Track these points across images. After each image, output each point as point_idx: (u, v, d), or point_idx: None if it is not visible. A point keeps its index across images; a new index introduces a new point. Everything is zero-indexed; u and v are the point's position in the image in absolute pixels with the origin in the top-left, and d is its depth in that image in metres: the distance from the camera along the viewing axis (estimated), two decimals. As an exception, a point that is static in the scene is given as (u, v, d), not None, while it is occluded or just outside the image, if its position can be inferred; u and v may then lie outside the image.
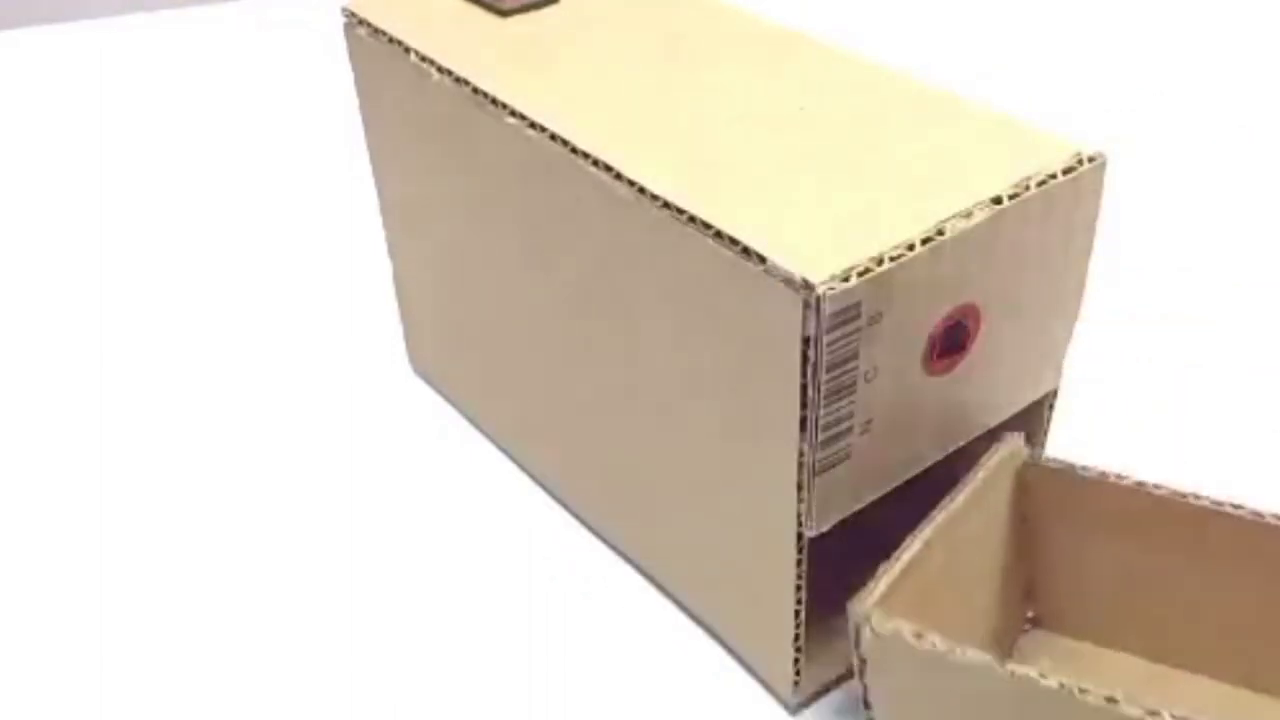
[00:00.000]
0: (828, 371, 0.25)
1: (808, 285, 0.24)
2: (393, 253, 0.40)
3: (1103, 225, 0.29)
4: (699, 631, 0.33)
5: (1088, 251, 0.29)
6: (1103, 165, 0.27)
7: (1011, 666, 0.24)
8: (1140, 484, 0.28)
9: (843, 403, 0.25)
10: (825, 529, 0.28)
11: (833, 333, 0.24)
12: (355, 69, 0.36)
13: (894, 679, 0.26)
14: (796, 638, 0.30)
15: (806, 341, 0.24)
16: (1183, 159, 0.50)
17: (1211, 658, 0.29)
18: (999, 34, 0.61)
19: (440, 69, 0.32)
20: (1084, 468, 0.29)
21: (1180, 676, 0.29)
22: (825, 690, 0.31)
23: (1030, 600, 0.31)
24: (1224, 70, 0.58)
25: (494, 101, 0.31)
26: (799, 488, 0.27)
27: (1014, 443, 0.30)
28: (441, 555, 0.36)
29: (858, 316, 0.24)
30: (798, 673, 0.30)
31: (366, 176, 0.38)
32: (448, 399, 0.41)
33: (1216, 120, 0.53)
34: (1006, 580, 0.30)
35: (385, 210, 0.39)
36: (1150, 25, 0.62)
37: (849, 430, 0.26)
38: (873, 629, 0.25)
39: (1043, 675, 0.24)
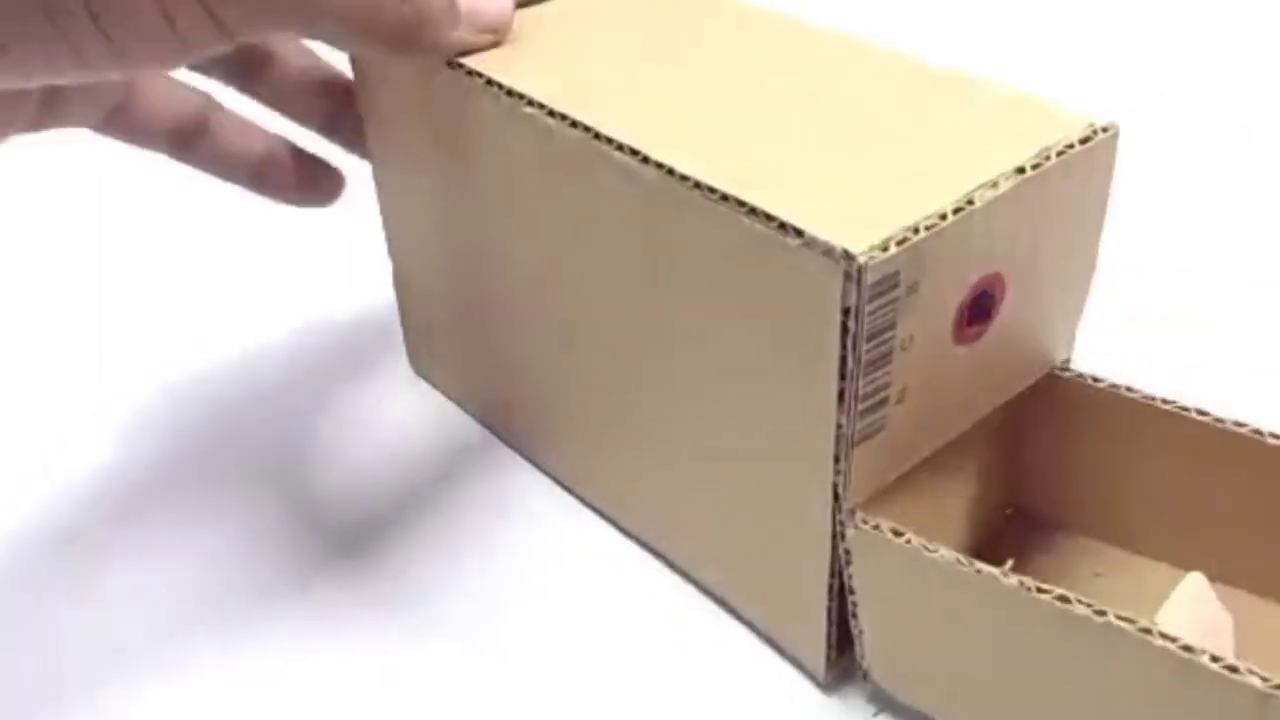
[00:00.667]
0: (867, 341, 0.25)
1: (848, 256, 0.24)
2: (393, 253, 0.40)
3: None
4: (725, 613, 0.33)
5: (1101, 221, 0.29)
6: (1116, 135, 0.28)
7: (978, 565, 0.26)
8: (1115, 386, 0.31)
9: (880, 373, 0.26)
10: (861, 501, 0.28)
11: (873, 302, 0.25)
12: (353, 68, 0.36)
13: (875, 574, 0.28)
14: (831, 613, 0.30)
15: (846, 312, 0.25)
16: (1181, 159, 0.51)
17: (1181, 549, 0.31)
18: (987, 35, 0.62)
19: (448, 63, 0.32)
20: (1063, 368, 0.31)
21: (1153, 566, 0.32)
22: (856, 666, 0.32)
23: (1011, 491, 0.34)
24: (1222, 70, 0.59)
25: (509, 92, 0.31)
26: (836, 460, 0.27)
27: None
28: (459, 551, 0.36)
29: (896, 286, 0.25)
30: (831, 648, 0.31)
31: (366, 176, 0.38)
32: (451, 398, 0.41)
33: (1215, 120, 0.55)
34: (989, 472, 0.32)
35: (385, 210, 0.39)
36: (1144, 24, 0.63)
37: (886, 400, 0.26)
38: (855, 525, 0.28)
39: (1004, 574, 0.26)
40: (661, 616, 0.34)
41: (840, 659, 0.31)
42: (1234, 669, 0.23)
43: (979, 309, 0.27)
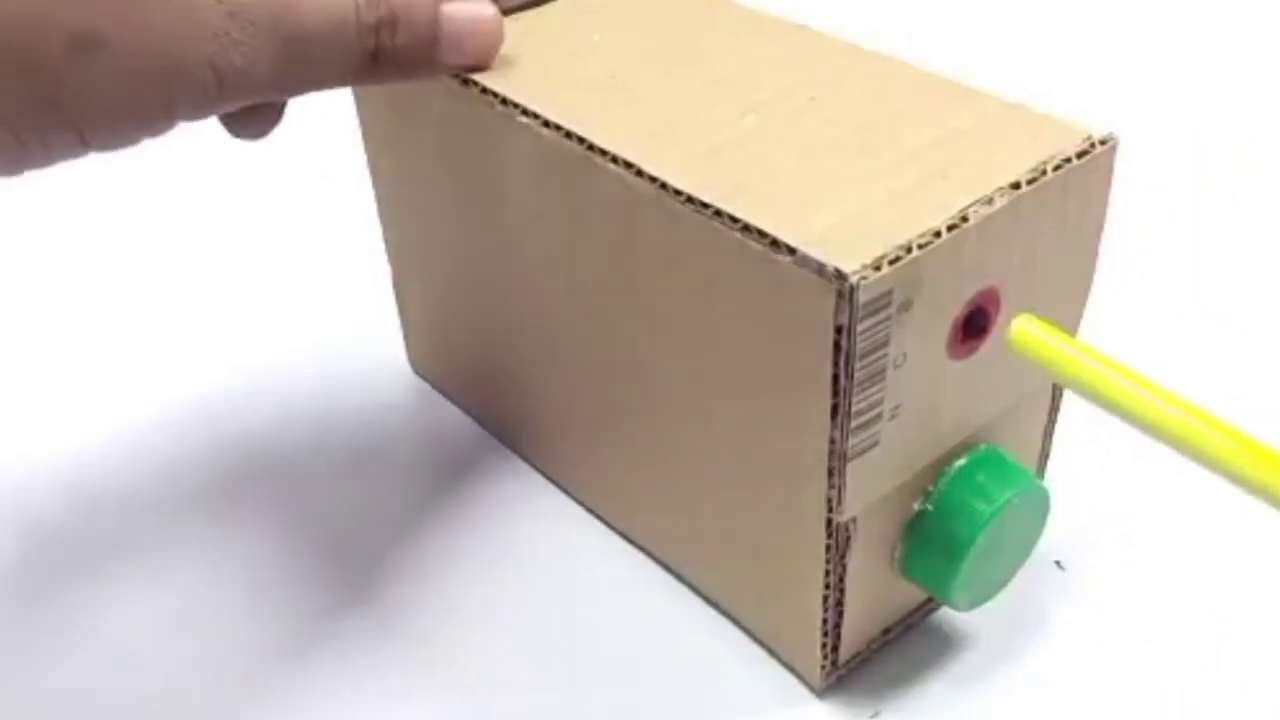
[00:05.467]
0: (860, 359, 0.25)
1: (840, 275, 0.24)
2: (392, 254, 0.40)
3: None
4: (721, 619, 0.33)
5: (1099, 231, 0.29)
6: (1114, 147, 0.28)
7: None
8: None
9: (873, 390, 0.26)
10: (854, 515, 0.28)
11: (865, 321, 0.25)
12: (352, 71, 0.36)
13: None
14: (824, 623, 0.30)
15: (839, 330, 0.25)
16: (1179, 157, 0.51)
17: None
18: (987, 41, 0.61)
19: (446, 69, 0.32)
20: None
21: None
22: (850, 673, 0.32)
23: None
24: (1219, 68, 0.58)
25: (504, 101, 0.31)
26: (830, 474, 0.27)
27: None
28: (458, 554, 0.36)
29: (889, 304, 0.25)
30: (825, 658, 0.31)
31: (366, 175, 0.38)
32: (450, 398, 0.41)
33: (1212, 118, 0.54)
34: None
35: (384, 211, 0.39)
36: (1144, 29, 0.63)
37: (879, 416, 0.26)
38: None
39: None
40: (659, 621, 0.34)
41: (835, 667, 0.31)
42: None
43: (974, 325, 0.27)
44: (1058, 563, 0.34)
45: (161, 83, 0.25)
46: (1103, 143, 0.27)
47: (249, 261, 0.48)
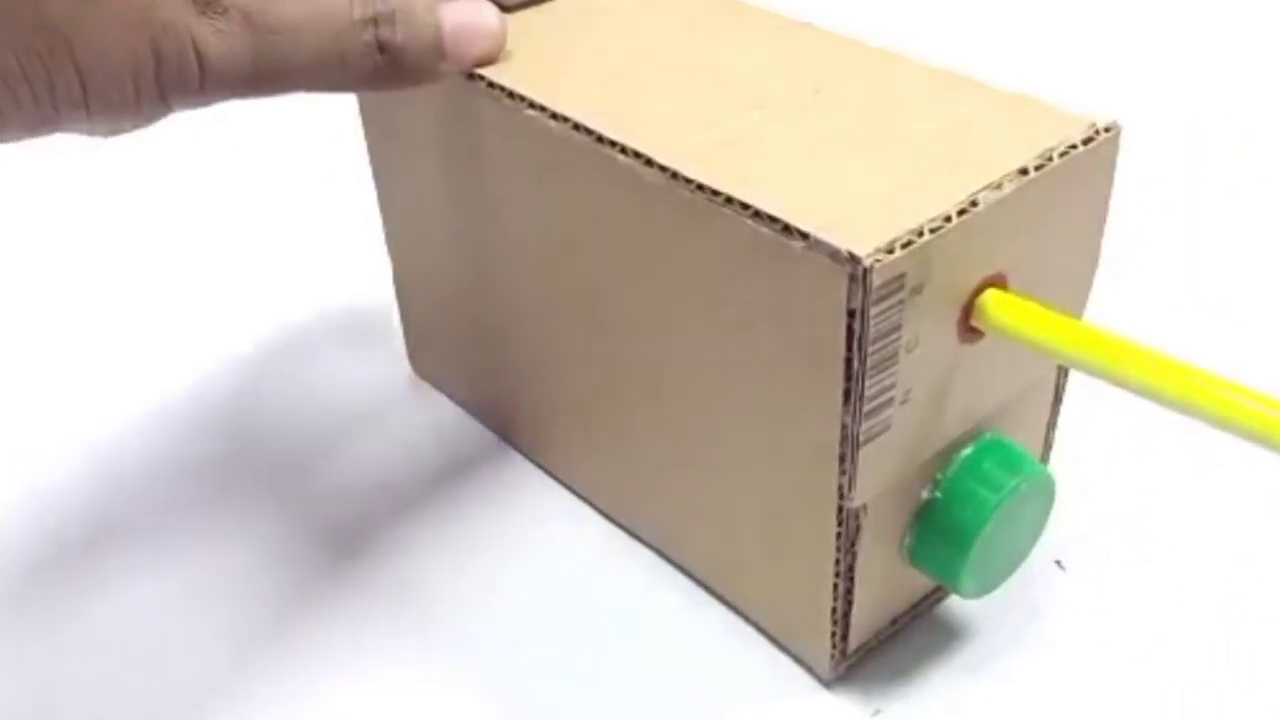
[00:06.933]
0: (873, 344, 0.25)
1: (854, 258, 0.24)
2: (393, 253, 0.40)
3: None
4: (728, 610, 0.33)
5: (1103, 218, 0.30)
6: (1118, 135, 0.28)
7: None
8: None
9: (886, 374, 0.26)
10: (865, 501, 0.28)
11: (878, 305, 0.25)
12: (355, 69, 0.36)
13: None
14: (834, 612, 0.30)
15: (852, 315, 0.25)
16: (1177, 149, 0.51)
17: None
18: (989, 36, 0.62)
19: (451, 64, 0.32)
20: None
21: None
22: (858, 663, 0.32)
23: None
24: (1216, 60, 0.59)
25: (511, 95, 0.31)
26: (841, 460, 0.27)
27: None
28: (460, 551, 0.36)
29: (901, 288, 0.25)
30: (834, 647, 0.31)
31: (366, 175, 0.38)
32: (452, 399, 0.41)
33: (1209, 109, 0.55)
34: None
35: (385, 210, 0.39)
36: (1145, 22, 0.63)
37: (891, 401, 0.27)
38: None
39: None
40: (665, 613, 0.34)
41: (844, 657, 0.31)
42: None
43: (983, 309, 0.27)
44: (1058, 562, 0.34)
45: (150, 36, 0.25)
46: (1106, 130, 0.28)
47: (250, 260, 0.48)
